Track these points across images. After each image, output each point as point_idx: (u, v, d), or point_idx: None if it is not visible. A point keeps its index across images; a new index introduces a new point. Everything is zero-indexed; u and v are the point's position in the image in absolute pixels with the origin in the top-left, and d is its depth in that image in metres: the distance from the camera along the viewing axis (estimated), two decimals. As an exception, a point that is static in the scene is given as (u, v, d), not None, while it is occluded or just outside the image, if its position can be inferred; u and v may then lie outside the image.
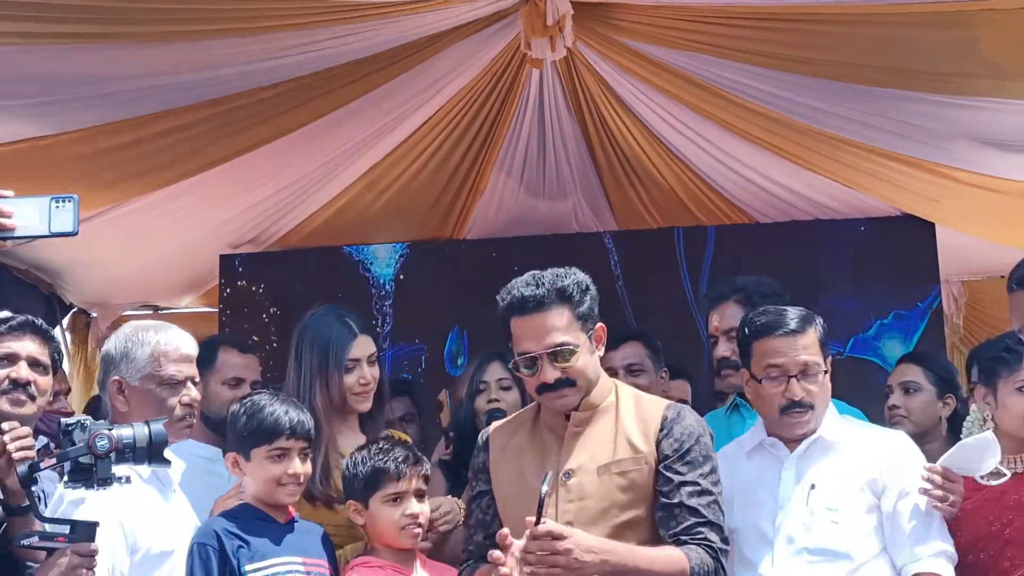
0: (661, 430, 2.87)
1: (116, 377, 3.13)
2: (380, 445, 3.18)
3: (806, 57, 4.18)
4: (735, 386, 3.73)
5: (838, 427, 3.18)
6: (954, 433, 3.91)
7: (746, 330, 3.22)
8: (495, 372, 4.13)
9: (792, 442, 3.16)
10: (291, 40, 4.03)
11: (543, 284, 2.85)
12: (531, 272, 2.91)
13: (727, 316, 3.74)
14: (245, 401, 3.17)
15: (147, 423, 2.70)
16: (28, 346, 3.29)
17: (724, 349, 3.74)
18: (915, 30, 3.93)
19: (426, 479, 3.17)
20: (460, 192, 5.45)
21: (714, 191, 5.47)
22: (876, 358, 5.47)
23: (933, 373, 4.17)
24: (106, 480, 2.61)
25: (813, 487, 3.06)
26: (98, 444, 2.61)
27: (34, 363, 3.29)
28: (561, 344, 2.81)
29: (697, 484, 2.82)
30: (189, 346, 3.20)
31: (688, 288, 5.55)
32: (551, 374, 2.82)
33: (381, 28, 4.09)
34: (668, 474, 2.82)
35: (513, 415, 3.16)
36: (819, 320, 3.18)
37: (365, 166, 5.15)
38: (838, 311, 5.43)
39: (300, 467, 3.07)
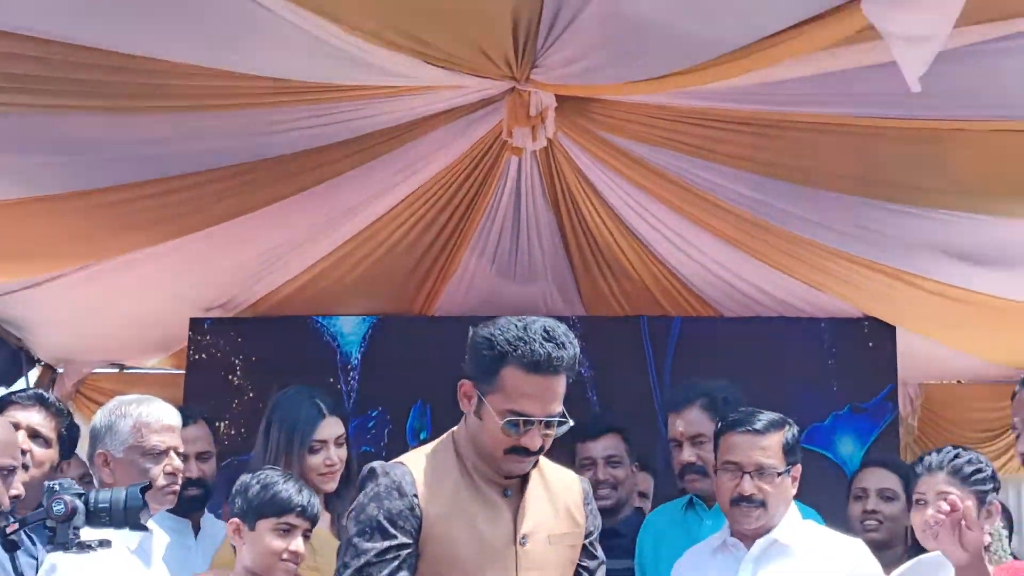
0: (586, 504, 2.85)
1: (101, 450, 3.22)
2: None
3: (779, 162, 4.30)
4: (702, 490, 3.78)
5: (796, 531, 3.26)
6: (913, 542, 3.84)
7: (719, 424, 3.39)
8: None
9: (750, 540, 3.23)
10: (277, 117, 4.08)
11: (565, 346, 2.60)
12: (543, 325, 2.64)
13: (692, 422, 3.79)
14: (259, 473, 3.24)
15: (126, 488, 2.75)
16: (32, 417, 3.40)
17: (689, 455, 3.77)
18: (887, 143, 4.06)
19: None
20: (432, 270, 5.51)
21: (682, 283, 5.56)
22: (829, 452, 5.53)
23: (905, 481, 4.07)
24: (68, 544, 2.63)
25: None
26: (54, 508, 2.64)
27: (34, 434, 3.39)
28: (561, 413, 2.65)
29: (604, 564, 2.87)
30: (171, 417, 3.30)
31: (653, 376, 5.61)
32: (538, 441, 2.63)
33: (367, 110, 4.16)
34: (592, 550, 2.83)
35: (415, 457, 2.74)
36: (791, 428, 3.32)
37: (341, 239, 5.20)
38: (797, 403, 5.46)
39: (302, 547, 3.11)
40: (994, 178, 4.14)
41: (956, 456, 3.33)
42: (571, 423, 2.66)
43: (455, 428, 2.79)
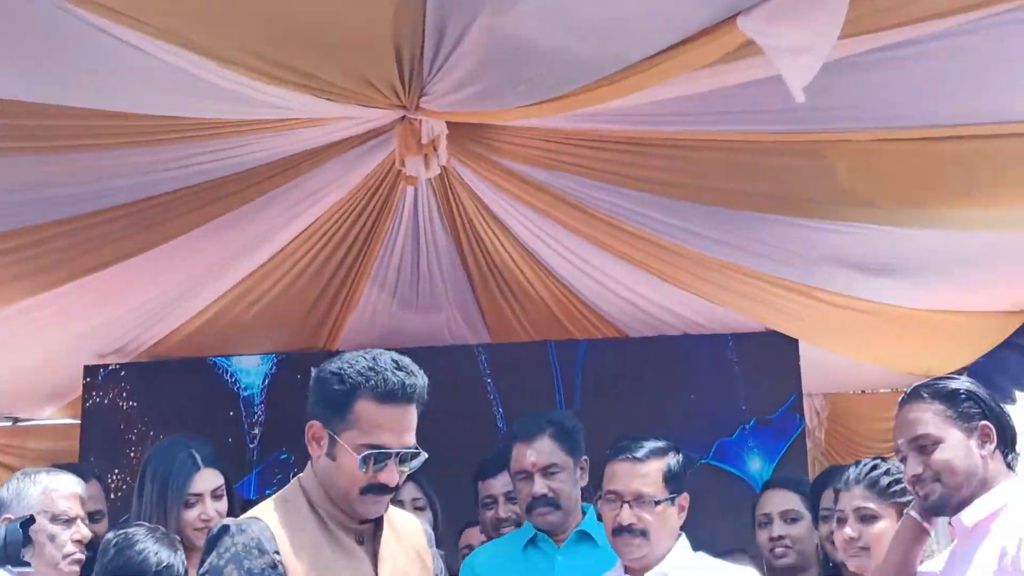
0: (430, 546, 2.82)
1: (7, 515, 3.15)
2: (158, 536, 3.07)
3: (673, 181, 4.30)
4: (552, 524, 3.65)
5: (686, 563, 3.22)
6: (826, 565, 3.83)
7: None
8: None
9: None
10: (162, 156, 4.01)
11: (416, 375, 2.58)
12: (391, 356, 2.61)
13: (544, 451, 3.67)
14: (120, 532, 3.09)
15: (5, 525, 2.68)
16: None
17: (540, 487, 3.63)
18: (776, 157, 4.09)
19: None
20: (333, 304, 5.43)
21: (586, 306, 5.54)
22: (737, 469, 5.55)
23: (808, 497, 4.04)
24: None
25: None
26: None
27: None
28: (415, 446, 2.59)
29: None
30: (79, 487, 3.30)
31: (561, 403, 5.58)
32: (396, 477, 2.56)
33: (257, 144, 4.10)
34: None
35: (268, 510, 2.61)
36: (676, 456, 3.27)
37: (237, 277, 5.11)
38: (704, 420, 5.56)
39: None
40: (881, 188, 4.20)
41: (874, 468, 3.31)
42: (425, 455, 2.61)
43: (301, 476, 2.68)
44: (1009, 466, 2.85)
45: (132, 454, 5.46)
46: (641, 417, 5.25)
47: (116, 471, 5.07)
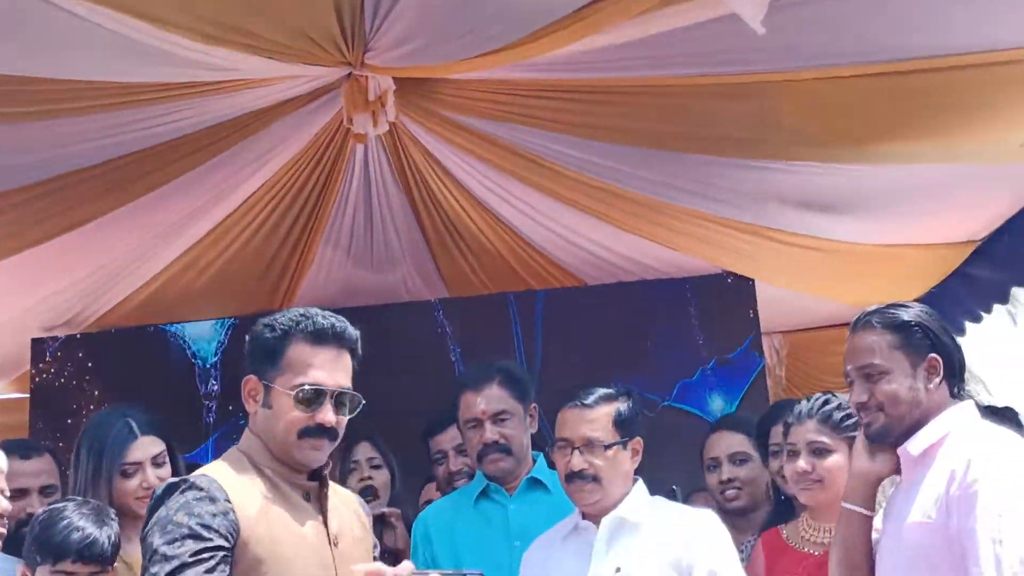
0: (367, 515, 2.85)
1: None
2: (89, 510, 3.01)
3: (622, 127, 4.30)
4: (504, 471, 3.66)
5: (642, 507, 3.23)
6: (777, 499, 3.81)
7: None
8: (365, 451, 4.08)
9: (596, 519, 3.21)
10: (109, 121, 3.96)
11: (346, 323, 2.68)
12: (320, 309, 2.71)
13: (493, 399, 3.67)
14: (48, 509, 3.04)
15: None
16: None
17: (492, 433, 3.63)
18: (719, 100, 4.09)
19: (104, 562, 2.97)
20: (287, 266, 5.38)
21: (542, 256, 5.54)
22: (699, 409, 5.59)
23: (755, 436, 3.98)
24: None
25: (618, 570, 3.10)
26: None
27: None
28: (353, 389, 2.64)
29: None
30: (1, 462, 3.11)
31: (521, 354, 5.58)
32: (332, 416, 2.59)
33: (201, 107, 4.06)
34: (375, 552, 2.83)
35: (214, 469, 2.61)
36: (625, 401, 3.28)
37: (187, 243, 5.06)
38: (664, 363, 5.59)
39: None
40: (827, 126, 4.21)
41: (825, 403, 3.34)
42: (363, 401, 2.65)
43: (239, 444, 2.69)
44: (955, 396, 2.88)
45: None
46: (602, 363, 5.27)
47: (64, 447, 5.00)
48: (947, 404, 2.84)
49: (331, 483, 2.76)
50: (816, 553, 3.26)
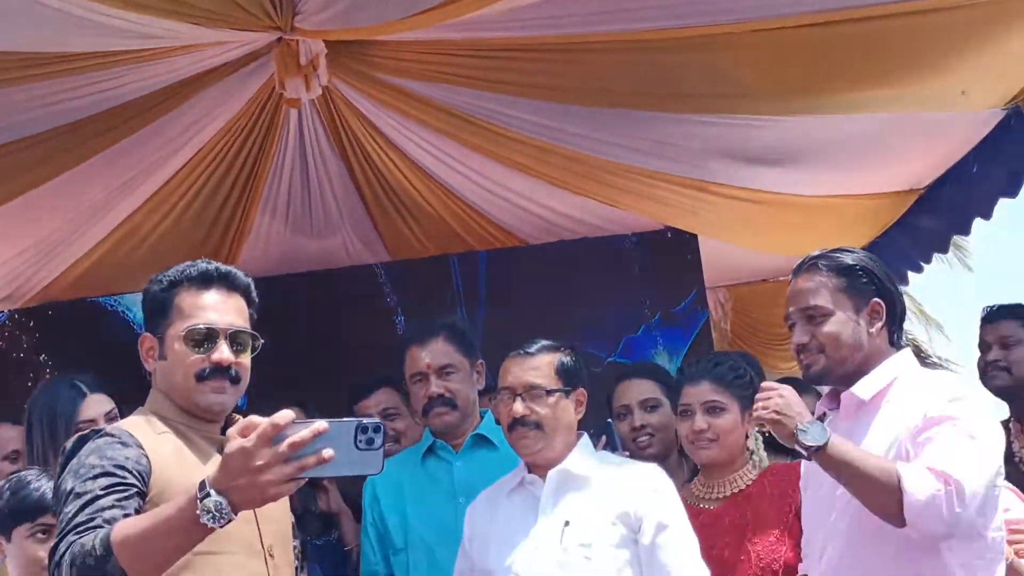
0: None
1: None
2: (35, 472, 2.99)
3: (558, 84, 4.25)
4: (449, 425, 3.67)
5: (588, 461, 3.23)
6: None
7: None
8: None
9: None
10: (35, 92, 3.86)
11: (236, 269, 2.69)
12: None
13: (439, 353, 3.68)
14: (12, 476, 3.01)
15: None
16: None
17: (436, 386, 3.64)
18: (661, 54, 4.06)
19: None
20: (226, 234, 5.29)
21: (483, 217, 5.50)
22: (646, 364, 5.59)
23: (665, 385, 3.88)
24: None
25: (567, 524, 3.10)
26: None
27: None
28: (250, 330, 2.61)
29: None
30: None
31: (463, 315, 5.56)
32: (228, 355, 2.55)
33: (129, 75, 3.96)
34: None
35: (124, 422, 2.60)
36: (567, 353, 3.29)
37: (123, 214, 4.96)
38: (609, 319, 5.61)
39: None
40: (765, 78, 4.20)
41: (717, 363, 3.43)
42: (262, 340, 2.63)
43: (145, 405, 2.64)
44: (894, 344, 2.89)
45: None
46: (547, 322, 5.21)
47: (11, 422, 4.92)
48: (887, 350, 2.85)
49: None
50: (711, 508, 3.32)
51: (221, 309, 2.58)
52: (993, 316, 4.35)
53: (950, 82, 4.25)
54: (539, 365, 3.23)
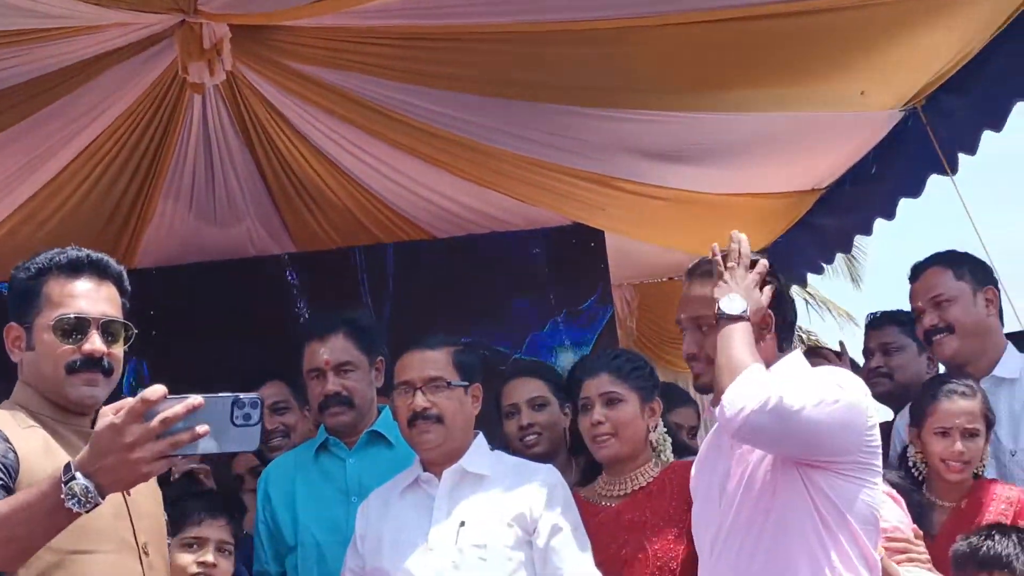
0: None
1: None
2: None
3: (461, 74, 4.25)
4: (345, 424, 3.62)
5: (484, 461, 3.23)
6: (573, 444, 3.76)
7: None
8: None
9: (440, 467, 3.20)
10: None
11: (106, 256, 2.64)
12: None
13: (338, 349, 3.62)
14: None
15: None
16: None
17: (333, 384, 3.59)
18: (563, 47, 4.07)
19: None
20: (127, 221, 5.20)
21: (390, 209, 5.47)
22: (550, 361, 5.61)
23: (554, 384, 3.88)
24: None
25: (463, 524, 3.09)
26: None
27: None
28: (122, 320, 2.56)
29: None
30: None
31: (370, 307, 5.53)
32: (100, 346, 2.50)
33: (27, 56, 3.88)
34: None
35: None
36: (464, 348, 3.32)
37: (19, 199, 4.84)
38: (515, 315, 5.63)
39: None
40: (672, 74, 4.23)
41: (616, 356, 3.44)
42: (135, 330, 2.58)
43: (11, 398, 2.58)
44: (783, 349, 2.91)
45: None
46: (452, 317, 5.27)
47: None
48: (774, 359, 2.86)
49: None
50: (611, 505, 3.30)
51: (92, 297, 2.53)
52: (876, 323, 4.41)
53: (849, 83, 4.33)
54: (438, 358, 3.23)
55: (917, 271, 4.00)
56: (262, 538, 3.67)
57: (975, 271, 3.91)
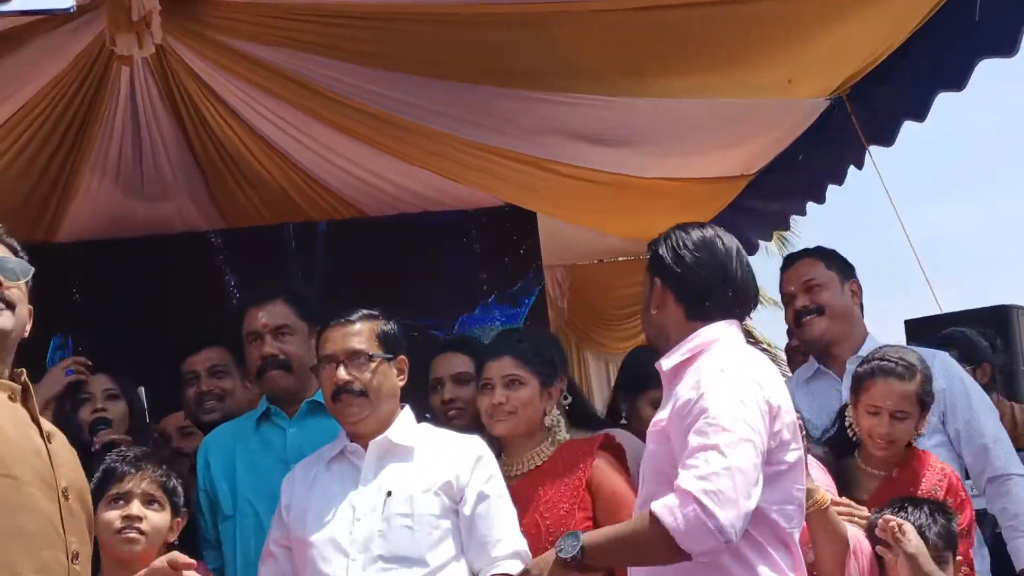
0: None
1: None
2: None
3: (392, 53, 4.24)
4: (285, 388, 3.64)
5: (410, 431, 3.24)
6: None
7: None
8: (101, 383, 3.99)
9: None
10: None
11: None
12: None
13: (276, 314, 3.66)
14: None
15: None
16: None
17: (271, 346, 3.61)
18: (499, 30, 4.09)
19: None
20: (51, 194, 5.10)
21: (322, 187, 5.44)
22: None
23: (476, 360, 3.81)
24: None
25: (389, 494, 3.09)
26: None
27: None
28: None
29: None
30: None
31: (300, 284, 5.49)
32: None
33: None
34: None
35: None
36: (387, 322, 3.30)
37: (-58, 169, 4.75)
38: (446, 296, 5.65)
39: None
40: (604, 59, 4.25)
41: (520, 340, 3.54)
42: (32, 269, 2.55)
43: None
44: (697, 317, 2.91)
45: None
46: (383, 296, 5.20)
47: None
48: (689, 324, 2.87)
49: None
50: (510, 484, 3.31)
51: None
52: (792, 259, 4.28)
53: (777, 71, 4.37)
54: (360, 331, 3.23)
55: (790, 261, 4.24)
56: (202, 507, 3.67)
57: (842, 265, 4.14)
